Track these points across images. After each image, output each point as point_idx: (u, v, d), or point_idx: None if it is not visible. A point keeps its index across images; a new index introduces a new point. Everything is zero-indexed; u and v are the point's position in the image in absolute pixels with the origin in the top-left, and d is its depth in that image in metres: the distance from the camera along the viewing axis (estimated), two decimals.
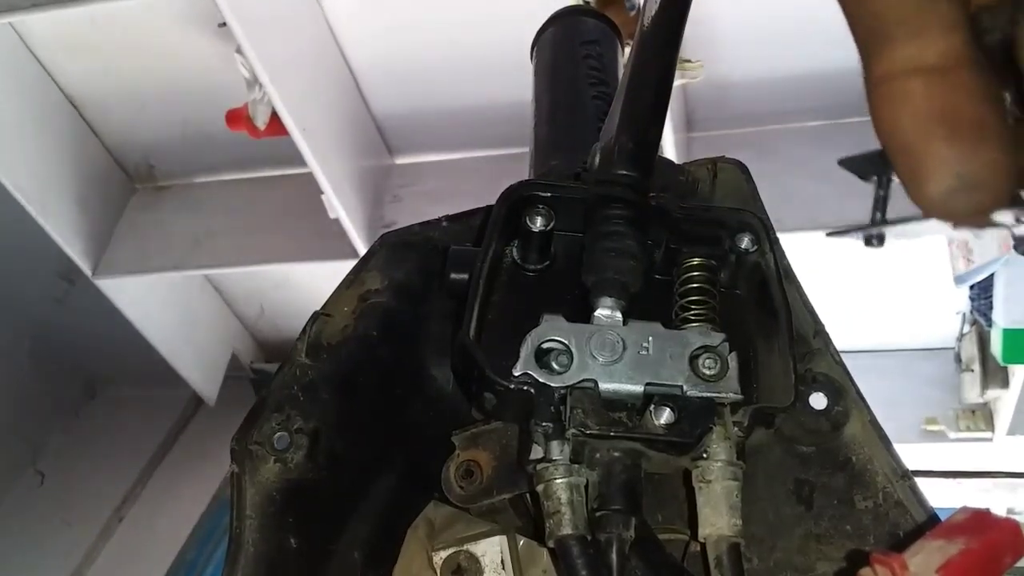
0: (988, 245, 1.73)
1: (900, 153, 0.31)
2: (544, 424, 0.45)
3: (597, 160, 0.50)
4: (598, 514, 0.45)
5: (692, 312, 0.50)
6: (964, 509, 0.43)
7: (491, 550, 0.48)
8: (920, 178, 0.30)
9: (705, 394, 0.46)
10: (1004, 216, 0.31)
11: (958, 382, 2.07)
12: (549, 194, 0.51)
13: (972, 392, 2.01)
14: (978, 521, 0.42)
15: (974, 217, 0.31)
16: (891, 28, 0.30)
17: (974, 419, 2.06)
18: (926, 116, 0.30)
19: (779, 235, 0.53)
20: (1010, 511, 2.31)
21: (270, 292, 2.48)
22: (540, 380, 0.45)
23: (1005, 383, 1.94)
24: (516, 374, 0.46)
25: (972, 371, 2.01)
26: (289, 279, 2.38)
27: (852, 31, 0.31)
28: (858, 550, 0.48)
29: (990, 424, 2.04)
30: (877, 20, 0.30)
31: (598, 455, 0.46)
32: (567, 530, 0.44)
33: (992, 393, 1.99)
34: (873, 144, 0.33)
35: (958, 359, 2.08)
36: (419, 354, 0.55)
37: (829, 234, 0.66)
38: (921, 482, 0.50)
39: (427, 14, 1.77)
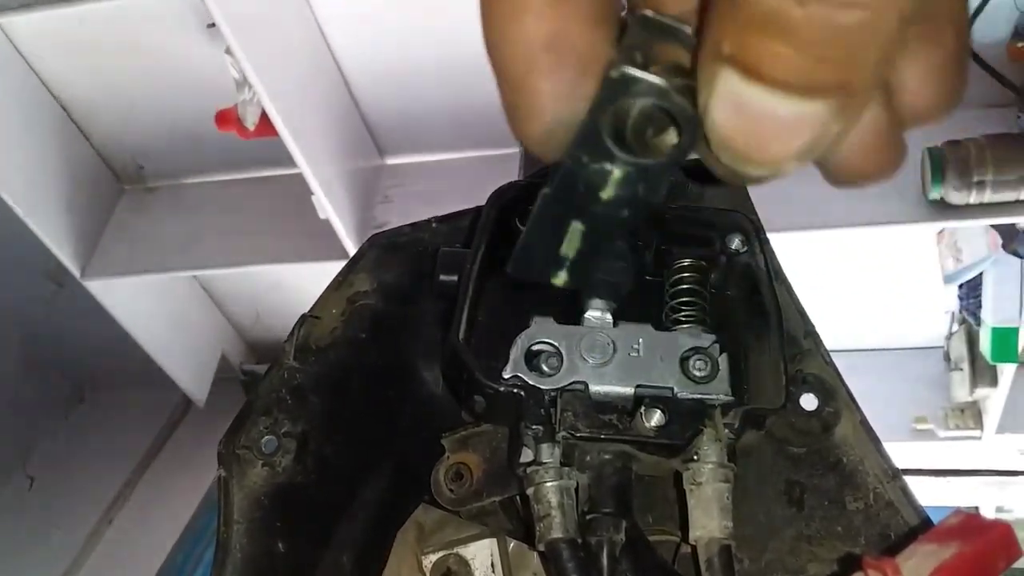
0: (977, 244, 1.74)
1: (504, 81, 0.27)
2: (534, 427, 0.45)
3: None
4: (588, 517, 0.45)
5: (682, 313, 0.50)
6: (957, 512, 0.43)
7: (481, 553, 0.48)
8: (519, 116, 0.28)
9: (695, 396, 0.46)
10: None
11: (947, 381, 2.08)
12: None
13: (961, 391, 2.02)
14: (971, 525, 0.42)
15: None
16: None
17: (963, 418, 2.07)
18: (534, 41, 0.26)
19: (769, 236, 0.53)
20: (999, 509, 2.32)
21: (263, 296, 2.47)
22: (530, 382, 0.45)
23: (994, 382, 1.95)
24: (506, 377, 0.45)
25: (961, 370, 2.01)
26: (282, 281, 2.38)
27: None
28: (850, 553, 0.48)
29: (979, 423, 2.05)
30: None
31: (588, 458, 0.46)
32: (557, 533, 0.44)
33: (981, 392, 2.00)
34: None
35: (947, 358, 2.09)
36: (408, 356, 0.55)
37: None
38: (910, 481, 0.50)
39: (417, 14, 1.77)
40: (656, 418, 0.44)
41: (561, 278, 0.33)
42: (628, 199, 0.29)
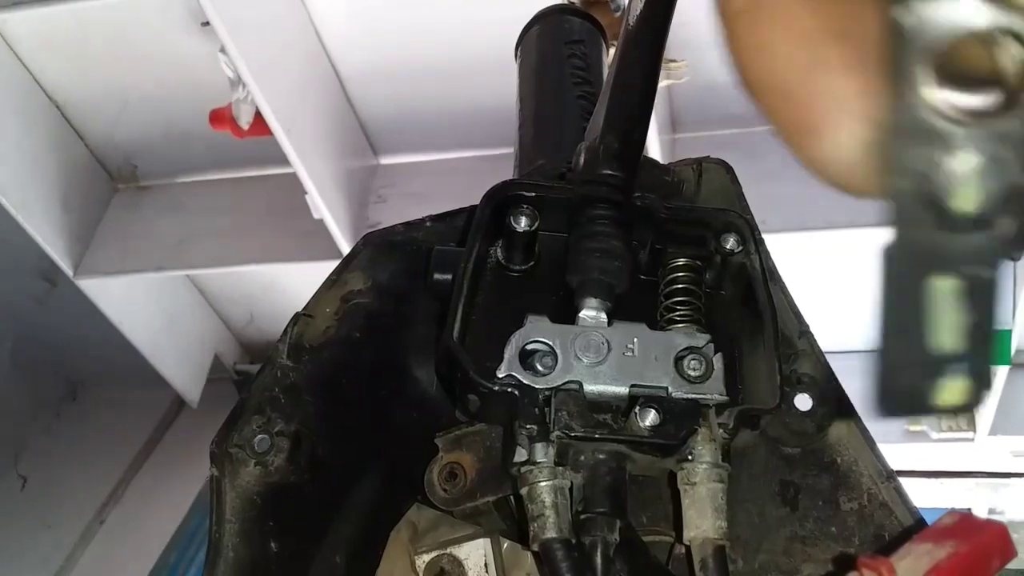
0: None
1: (777, 98, 0.21)
2: (528, 426, 0.45)
3: (582, 160, 0.50)
4: (583, 517, 0.45)
5: (677, 313, 0.50)
6: (951, 513, 0.43)
7: (475, 553, 0.47)
8: (807, 130, 0.21)
9: (690, 395, 0.45)
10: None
11: None
12: (533, 194, 0.50)
13: None
14: (966, 525, 0.42)
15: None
16: None
17: (956, 420, 2.07)
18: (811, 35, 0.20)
19: (764, 236, 0.53)
20: (992, 511, 2.32)
21: (257, 295, 2.47)
22: (524, 382, 0.45)
23: None
24: (500, 376, 0.45)
25: None
26: (275, 281, 2.37)
27: None
28: (845, 553, 0.48)
29: (972, 424, 2.06)
30: None
31: (583, 457, 0.46)
32: (551, 533, 0.44)
33: None
34: None
35: None
36: (402, 355, 0.54)
37: None
38: (904, 482, 0.50)
39: (412, 14, 1.77)
40: (651, 418, 0.44)
41: (955, 388, 0.21)
42: (1002, 199, 0.20)
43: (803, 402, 0.52)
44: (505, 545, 0.49)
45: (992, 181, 0.19)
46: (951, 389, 0.20)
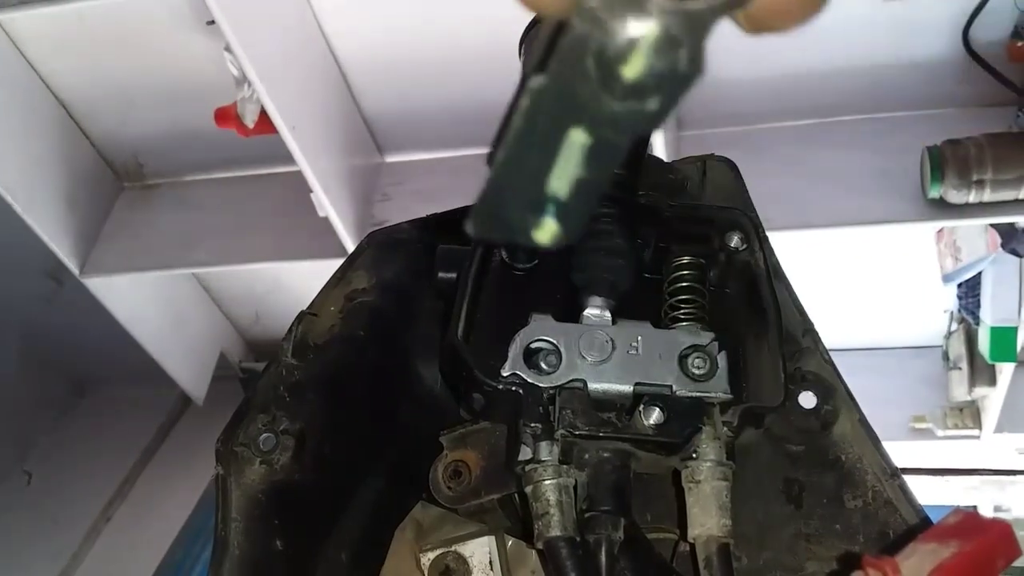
0: (976, 243, 1.74)
1: None
2: (533, 425, 0.45)
3: None
4: (587, 515, 0.45)
5: (681, 311, 0.50)
6: (956, 511, 0.43)
7: (479, 551, 0.48)
8: None
9: (694, 394, 0.45)
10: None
11: (946, 380, 2.08)
12: None
13: (960, 390, 2.02)
14: (971, 524, 0.42)
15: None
16: None
17: (962, 417, 2.06)
18: None
19: (768, 234, 0.53)
20: (997, 508, 2.31)
21: (262, 294, 2.47)
22: (529, 380, 0.45)
23: (992, 381, 1.95)
24: (504, 374, 0.45)
25: (960, 369, 2.01)
26: (280, 279, 2.37)
27: None
28: (850, 552, 0.48)
29: (977, 422, 2.05)
30: None
31: (587, 456, 0.46)
32: (556, 531, 0.44)
33: (979, 391, 2.00)
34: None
35: (946, 357, 2.09)
36: (407, 354, 0.54)
37: None
38: (909, 480, 0.50)
39: (416, 11, 1.76)
40: (655, 416, 0.44)
41: (548, 229, 0.23)
42: (661, 78, 0.20)
43: (807, 400, 0.52)
44: (510, 543, 0.49)
45: (661, 59, 0.20)
46: (543, 228, 0.22)
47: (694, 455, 0.46)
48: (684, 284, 0.51)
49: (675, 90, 0.20)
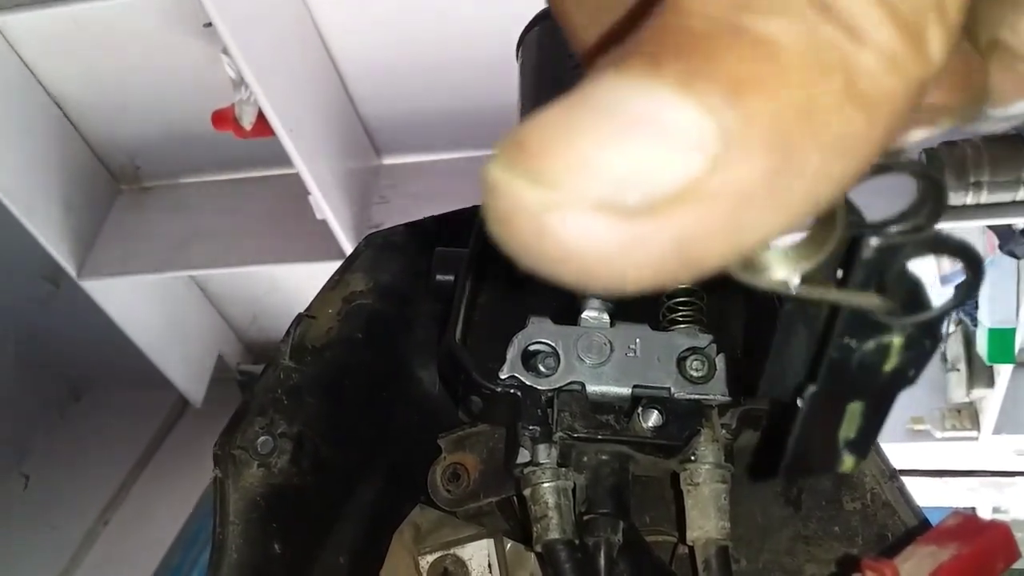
0: (974, 245, 1.74)
1: None
2: (531, 427, 0.45)
3: None
4: (586, 518, 0.45)
5: (679, 313, 0.50)
6: (955, 513, 0.43)
7: (478, 554, 0.47)
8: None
9: (693, 396, 0.45)
10: None
11: (944, 382, 2.08)
12: None
13: (958, 391, 2.02)
14: (969, 526, 0.42)
15: None
16: None
17: (960, 418, 2.07)
18: None
19: None
20: (996, 510, 2.32)
21: (260, 296, 2.47)
22: (527, 383, 0.45)
23: (991, 382, 1.95)
24: (503, 377, 0.45)
25: (958, 371, 2.01)
26: (278, 281, 2.37)
27: None
28: (848, 554, 0.48)
29: (976, 423, 2.05)
30: None
31: (586, 458, 0.46)
32: (555, 534, 0.44)
33: (978, 392, 2.00)
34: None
35: (944, 359, 2.09)
36: (405, 356, 0.54)
37: None
38: (907, 481, 0.50)
39: (414, 14, 1.76)
40: (653, 418, 0.44)
41: (848, 463, 0.27)
42: (915, 358, 0.24)
43: None
44: (508, 546, 0.49)
45: (912, 352, 0.24)
46: (844, 463, 0.27)
47: (692, 457, 0.46)
48: (682, 286, 0.51)
49: (924, 362, 0.24)
